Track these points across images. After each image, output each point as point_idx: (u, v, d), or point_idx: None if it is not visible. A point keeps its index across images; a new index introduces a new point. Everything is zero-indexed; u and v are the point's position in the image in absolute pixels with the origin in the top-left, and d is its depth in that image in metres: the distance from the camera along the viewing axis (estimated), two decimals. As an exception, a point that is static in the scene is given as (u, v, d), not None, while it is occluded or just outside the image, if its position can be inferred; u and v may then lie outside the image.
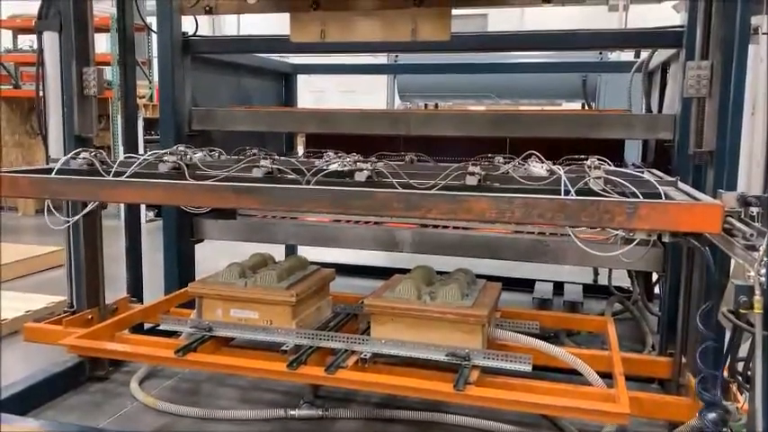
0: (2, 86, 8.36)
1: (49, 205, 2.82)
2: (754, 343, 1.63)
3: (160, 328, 2.96)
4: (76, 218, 2.89)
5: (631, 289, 4.19)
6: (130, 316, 3.18)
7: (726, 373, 1.86)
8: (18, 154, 8.69)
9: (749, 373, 1.74)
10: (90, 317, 3.11)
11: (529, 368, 2.45)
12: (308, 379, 2.56)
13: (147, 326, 3.41)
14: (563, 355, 2.60)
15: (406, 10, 2.58)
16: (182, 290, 3.35)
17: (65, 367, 3.03)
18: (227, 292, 2.81)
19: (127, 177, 2.43)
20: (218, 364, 2.68)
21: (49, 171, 2.62)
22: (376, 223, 3.54)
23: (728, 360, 1.83)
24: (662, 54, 3.54)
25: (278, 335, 2.70)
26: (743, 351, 1.78)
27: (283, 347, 2.62)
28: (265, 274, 2.87)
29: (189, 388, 3.11)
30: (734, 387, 2.15)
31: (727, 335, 1.81)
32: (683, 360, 2.67)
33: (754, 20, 2.27)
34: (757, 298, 1.59)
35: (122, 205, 5.13)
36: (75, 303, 3.15)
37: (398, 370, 2.58)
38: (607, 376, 2.56)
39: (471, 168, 2.35)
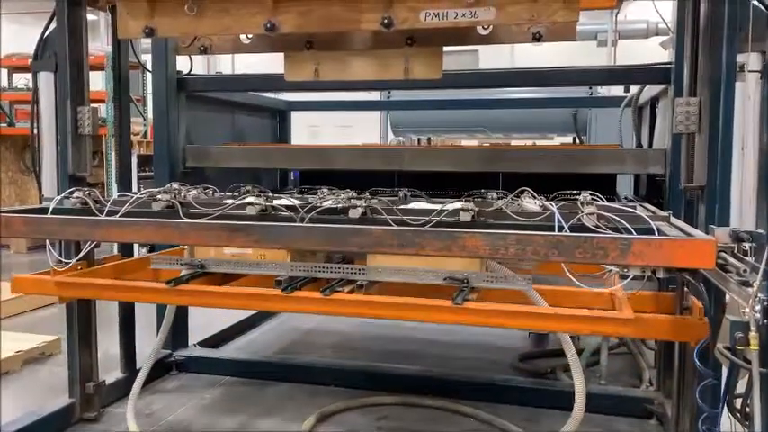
0: (-3, 124, 8.40)
1: (49, 247, 2.77)
2: (751, 380, 1.63)
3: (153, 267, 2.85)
4: (73, 261, 2.82)
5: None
6: (120, 265, 3.07)
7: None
8: (12, 191, 8.70)
9: (747, 409, 1.72)
10: (79, 268, 2.93)
11: (530, 288, 2.36)
12: (304, 303, 2.45)
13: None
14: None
15: (398, 49, 2.61)
16: (176, 247, 3.18)
17: (55, 409, 2.98)
18: None
19: (120, 217, 2.43)
20: (210, 292, 2.58)
21: (42, 210, 2.62)
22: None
23: (726, 396, 1.81)
24: (651, 90, 3.59)
25: (272, 268, 2.59)
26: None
27: (278, 278, 2.52)
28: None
29: (181, 430, 3.06)
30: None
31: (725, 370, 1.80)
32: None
33: (740, 57, 2.31)
34: (753, 334, 1.59)
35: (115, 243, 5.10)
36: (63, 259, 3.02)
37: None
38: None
39: (464, 204, 2.36)
